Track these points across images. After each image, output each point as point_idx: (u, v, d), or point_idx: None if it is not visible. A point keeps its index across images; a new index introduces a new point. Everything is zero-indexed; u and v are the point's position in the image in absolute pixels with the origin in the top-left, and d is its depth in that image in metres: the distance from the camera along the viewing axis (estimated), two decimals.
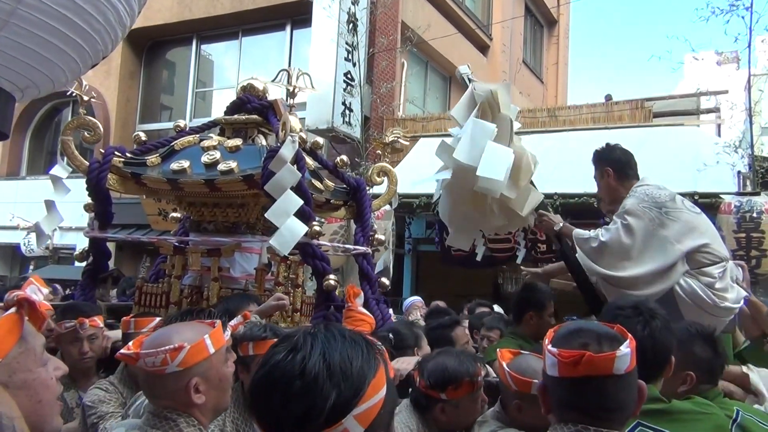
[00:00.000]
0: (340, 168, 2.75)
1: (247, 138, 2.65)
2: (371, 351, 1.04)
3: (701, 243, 2.95)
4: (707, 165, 6.64)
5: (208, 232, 2.64)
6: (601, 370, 1.31)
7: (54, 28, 2.01)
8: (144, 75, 12.94)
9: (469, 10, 13.50)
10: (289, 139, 2.10)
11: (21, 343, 1.18)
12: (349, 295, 2.43)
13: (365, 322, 2.40)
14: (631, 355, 1.34)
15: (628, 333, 1.40)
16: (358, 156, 9.39)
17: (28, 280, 1.30)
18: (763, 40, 8.44)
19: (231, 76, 12.28)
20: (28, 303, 1.20)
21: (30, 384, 1.18)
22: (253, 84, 2.77)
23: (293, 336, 1.05)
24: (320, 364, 0.98)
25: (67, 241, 11.52)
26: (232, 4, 11.35)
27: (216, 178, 2.32)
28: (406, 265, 8.72)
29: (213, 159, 2.41)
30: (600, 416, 1.34)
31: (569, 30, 18.47)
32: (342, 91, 9.57)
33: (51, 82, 2.22)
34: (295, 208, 2.11)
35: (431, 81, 12.88)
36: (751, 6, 6.97)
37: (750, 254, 5.95)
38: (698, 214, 3.08)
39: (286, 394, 0.97)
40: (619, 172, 3.24)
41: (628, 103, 9.09)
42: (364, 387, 0.99)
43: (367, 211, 2.70)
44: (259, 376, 1.03)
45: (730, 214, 6.02)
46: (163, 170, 2.49)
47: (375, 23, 10.26)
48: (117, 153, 2.56)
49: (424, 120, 10.38)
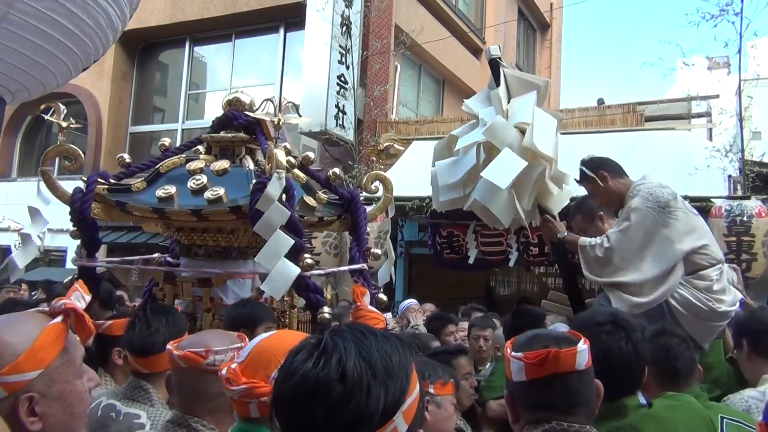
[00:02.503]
0: (333, 181, 2.65)
1: (235, 157, 2.53)
2: (404, 344, 0.99)
3: (700, 244, 2.96)
4: (698, 169, 6.68)
5: (198, 257, 2.54)
6: (565, 367, 1.39)
7: (45, 33, 2.00)
8: (137, 76, 12.89)
9: (462, 13, 13.53)
10: (275, 176, 2.01)
11: (63, 354, 1.16)
12: (356, 295, 2.39)
13: (378, 319, 2.34)
14: (587, 352, 1.42)
15: (580, 335, 1.48)
16: (352, 159, 9.39)
17: (73, 287, 1.26)
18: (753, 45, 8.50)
19: (224, 78, 12.26)
20: (76, 313, 1.18)
21: (67, 395, 1.16)
22: (240, 98, 2.61)
23: (316, 340, 0.97)
24: (361, 365, 0.91)
25: (58, 243, 11.45)
26: (225, 6, 11.33)
27: (203, 208, 2.24)
28: (398, 268, 8.71)
29: (200, 184, 2.31)
30: (568, 411, 1.41)
31: (562, 34, 18.54)
32: (335, 94, 9.57)
33: (41, 86, 2.22)
34: (286, 249, 2.01)
35: (424, 84, 12.90)
36: (741, 11, 7.02)
37: (740, 258, 5.98)
38: (696, 215, 3.09)
39: (328, 403, 0.88)
40: (614, 171, 3.26)
41: (620, 107, 9.12)
42: (408, 381, 0.94)
43: (362, 224, 2.59)
44: (288, 389, 0.93)
45: (721, 218, 6.04)
46: (149, 197, 2.38)
47: (368, 26, 10.27)
48: (100, 180, 2.43)
49: (417, 123, 10.38)
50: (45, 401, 1.12)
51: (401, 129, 10.27)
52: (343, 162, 9.58)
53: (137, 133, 12.90)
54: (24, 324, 1.16)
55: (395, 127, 10.24)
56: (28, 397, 1.10)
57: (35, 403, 1.11)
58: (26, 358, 1.10)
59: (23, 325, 1.15)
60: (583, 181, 3.32)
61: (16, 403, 1.09)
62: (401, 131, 10.22)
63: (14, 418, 1.09)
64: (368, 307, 2.35)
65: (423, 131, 10.01)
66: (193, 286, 2.57)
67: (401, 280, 8.70)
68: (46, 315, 1.18)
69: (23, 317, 1.20)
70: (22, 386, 1.09)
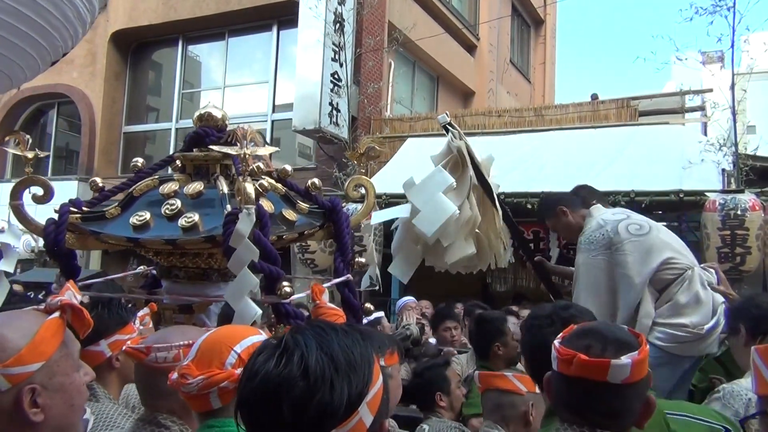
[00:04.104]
0: (312, 191, 2.57)
1: (210, 176, 2.45)
2: (364, 336, 1.00)
3: (662, 259, 2.93)
4: (692, 163, 6.70)
5: (179, 279, 2.47)
6: (593, 375, 1.31)
7: (9, 25, 1.95)
8: (130, 76, 12.84)
9: (456, 9, 13.52)
10: (245, 212, 1.95)
11: (62, 347, 1.21)
12: (315, 293, 2.37)
13: (338, 316, 2.34)
14: (634, 366, 1.30)
15: (645, 342, 1.37)
16: (346, 156, 9.37)
17: (66, 286, 1.32)
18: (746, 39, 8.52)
19: (218, 77, 12.23)
20: (72, 309, 1.23)
21: (67, 388, 1.21)
22: (212, 113, 2.48)
23: (276, 340, 0.98)
24: (323, 359, 0.92)
25: None
26: (217, 5, 11.29)
27: (178, 238, 2.20)
28: None
29: (174, 210, 2.24)
30: (590, 419, 1.34)
31: (556, 29, 18.55)
32: (329, 92, 9.55)
33: (9, 80, 2.18)
34: (249, 288, 1.99)
35: (418, 81, 12.89)
36: (733, 6, 7.04)
37: (735, 251, 6.00)
38: (646, 234, 3.00)
39: (292, 400, 0.90)
40: (571, 204, 3.30)
41: (614, 102, 9.14)
42: (371, 372, 0.96)
43: (345, 233, 2.52)
44: (251, 389, 0.94)
45: (715, 212, 6.06)
46: (123, 226, 2.31)
47: (362, 23, 10.25)
48: (73, 209, 2.37)
49: (412, 120, 10.37)
50: (46, 393, 1.16)
51: (395, 126, 10.25)
52: (338, 160, 9.57)
53: (131, 133, 12.86)
54: (23, 320, 1.20)
55: (389, 125, 10.23)
56: (31, 389, 1.14)
57: (37, 395, 1.15)
58: (28, 351, 1.14)
59: (22, 321, 1.20)
60: (545, 218, 3.43)
61: (19, 395, 1.13)
62: (395, 128, 10.20)
63: (17, 410, 1.13)
64: (327, 304, 2.34)
65: (417, 128, 10.00)
66: (175, 314, 2.52)
67: (397, 278, 8.68)
68: (42, 312, 1.23)
69: (21, 314, 1.25)
70: (24, 378, 1.14)
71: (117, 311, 2.15)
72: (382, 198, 7.34)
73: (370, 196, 2.62)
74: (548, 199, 3.49)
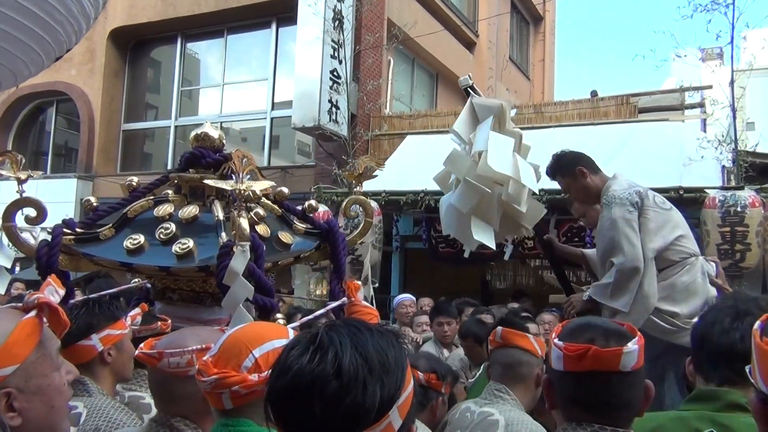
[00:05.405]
0: (309, 213, 2.54)
1: (205, 198, 2.40)
2: (399, 339, 0.99)
3: (675, 236, 2.97)
4: (692, 160, 6.70)
5: (173, 302, 2.45)
6: (606, 366, 1.31)
7: (13, 20, 1.92)
8: (129, 73, 12.82)
9: (455, 6, 13.50)
10: (239, 249, 1.92)
11: (39, 348, 1.16)
12: (350, 290, 2.35)
13: (372, 315, 2.31)
14: (639, 352, 1.32)
15: (637, 330, 1.38)
16: (345, 154, 9.37)
17: (47, 281, 1.26)
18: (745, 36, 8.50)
19: (217, 74, 12.21)
20: (49, 308, 1.18)
21: (45, 390, 1.17)
22: (208, 133, 2.42)
23: (310, 336, 0.96)
24: (357, 359, 0.91)
25: None
26: (216, 2, 11.27)
27: (171, 266, 2.18)
28: (393, 263, 8.71)
29: (168, 234, 2.20)
30: (605, 413, 1.33)
31: (555, 26, 18.52)
32: (328, 89, 9.54)
33: (13, 76, 2.16)
34: (245, 297, 1.97)
35: (418, 78, 12.87)
36: (733, 2, 7.03)
37: (735, 248, 6.01)
38: (668, 210, 3.06)
39: (324, 399, 0.88)
40: (590, 167, 3.24)
41: (614, 99, 9.12)
42: (403, 376, 0.94)
43: (342, 255, 2.46)
44: (282, 385, 0.93)
45: (715, 209, 6.06)
46: (117, 249, 2.26)
47: (361, 20, 10.23)
48: (66, 230, 2.33)
49: (411, 117, 10.37)
50: (23, 396, 1.12)
51: (395, 123, 10.25)
52: (337, 157, 9.56)
53: (130, 131, 12.84)
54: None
55: (389, 122, 10.22)
56: (6, 393, 1.11)
57: (13, 399, 1.11)
58: (1, 354, 1.10)
59: None
60: (558, 175, 3.30)
61: None
62: (395, 125, 10.19)
63: None
64: (362, 302, 2.32)
65: (417, 125, 10.00)
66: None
67: (397, 276, 8.70)
68: (19, 311, 1.18)
69: None
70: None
71: (108, 306, 2.13)
72: (381, 195, 7.35)
73: (368, 216, 2.57)
74: (566, 156, 3.29)
